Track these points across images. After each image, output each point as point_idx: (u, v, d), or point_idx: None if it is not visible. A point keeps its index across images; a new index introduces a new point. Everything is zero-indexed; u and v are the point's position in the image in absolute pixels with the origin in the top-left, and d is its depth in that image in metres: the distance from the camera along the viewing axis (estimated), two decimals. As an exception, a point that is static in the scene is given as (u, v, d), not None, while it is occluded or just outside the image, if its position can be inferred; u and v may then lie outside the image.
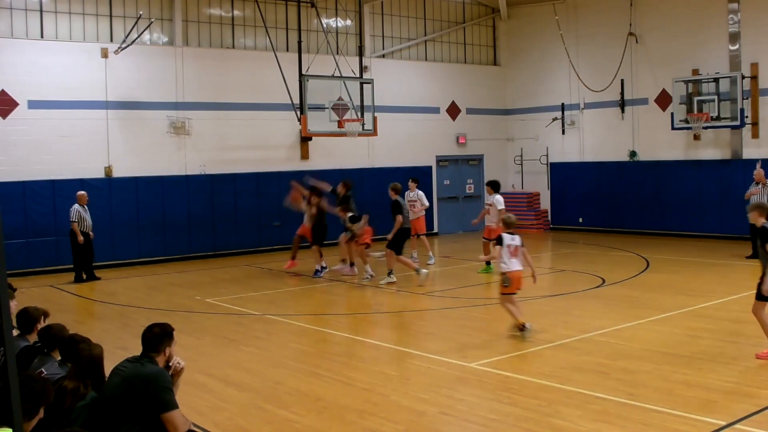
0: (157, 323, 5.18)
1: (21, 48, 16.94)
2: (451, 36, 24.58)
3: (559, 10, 23.25)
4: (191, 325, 11.22)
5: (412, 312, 11.95)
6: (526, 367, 8.36)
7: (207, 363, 8.94)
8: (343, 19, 21.99)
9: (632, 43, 21.85)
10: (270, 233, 20.09)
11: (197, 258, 18.91)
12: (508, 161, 25.54)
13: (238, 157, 19.85)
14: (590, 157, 23.28)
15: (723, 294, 12.41)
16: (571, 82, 23.34)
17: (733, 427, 6.31)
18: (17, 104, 16.85)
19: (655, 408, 6.81)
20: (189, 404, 6.82)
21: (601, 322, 10.56)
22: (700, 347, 9.08)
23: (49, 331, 5.83)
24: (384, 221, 17.75)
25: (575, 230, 23.14)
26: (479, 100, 24.79)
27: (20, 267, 16.09)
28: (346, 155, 21.37)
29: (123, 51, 17.72)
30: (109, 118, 17.96)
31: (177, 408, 4.81)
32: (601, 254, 18.21)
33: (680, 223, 20.95)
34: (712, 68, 20.04)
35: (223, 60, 19.71)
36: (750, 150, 19.85)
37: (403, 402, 7.30)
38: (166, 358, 5.05)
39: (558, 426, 6.47)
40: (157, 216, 18.51)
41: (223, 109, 19.59)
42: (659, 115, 21.39)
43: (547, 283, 15.22)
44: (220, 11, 20.04)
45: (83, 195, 15.73)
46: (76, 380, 4.85)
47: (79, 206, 15.61)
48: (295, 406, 7.32)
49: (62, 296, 14.27)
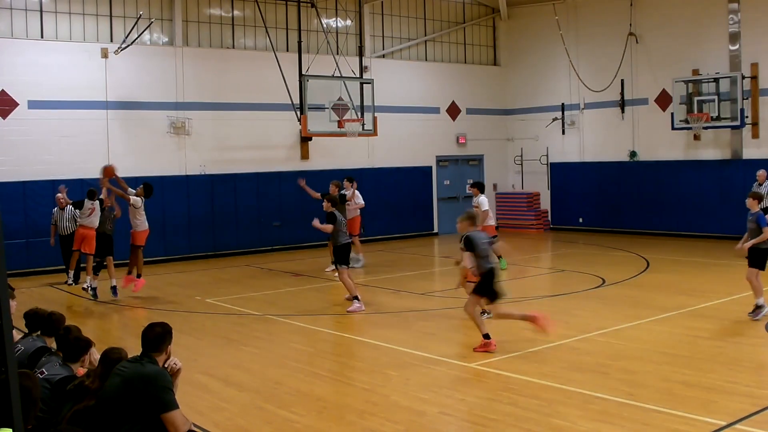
0: (158, 322, 5.18)
1: (21, 48, 16.94)
2: (451, 36, 24.58)
3: (559, 10, 23.25)
4: (191, 325, 11.22)
5: (412, 312, 11.95)
6: (526, 367, 8.35)
7: (207, 363, 8.94)
8: (343, 19, 21.99)
9: (632, 43, 21.85)
10: (270, 233, 20.10)
11: (197, 258, 18.91)
12: (508, 161, 25.54)
13: (238, 157, 19.85)
14: (590, 157, 23.28)
15: (723, 294, 12.40)
16: (571, 82, 23.34)
17: (733, 427, 6.31)
18: (17, 104, 16.85)
19: (655, 408, 6.81)
20: (189, 404, 6.83)
21: (601, 322, 10.56)
22: (700, 347, 9.08)
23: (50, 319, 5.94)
24: (384, 221, 17.76)
25: (575, 230, 23.14)
26: (479, 100, 24.79)
27: (20, 267, 16.09)
28: (346, 155, 21.36)
29: (123, 51, 17.72)
30: (109, 118, 17.96)
31: (177, 408, 4.80)
32: (601, 254, 18.21)
33: (680, 223, 20.95)
34: (712, 68, 20.03)
35: (223, 60, 19.71)
36: (750, 150, 19.85)
37: (403, 402, 7.30)
38: (167, 357, 5.06)
39: (558, 426, 6.47)
40: (157, 216, 18.46)
41: (223, 109, 19.59)
42: (659, 115, 21.39)
43: (547, 283, 15.24)
44: (220, 11, 20.04)
45: (58, 198, 15.60)
46: (100, 382, 4.86)
47: (57, 209, 15.62)
48: (295, 406, 7.32)
49: (62, 296, 14.27)
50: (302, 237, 19.98)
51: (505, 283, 14.55)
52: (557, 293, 13.15)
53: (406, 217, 22.87)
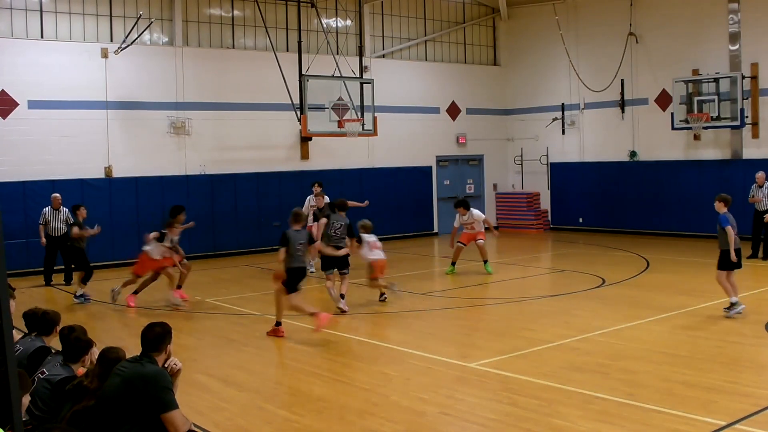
0: (157, 322, 5.18)
1: (21, 48, 16.94)
2: (451, 36, 24.57)
3: (559, 10, 23.25)
4: (191, 325, 11.22)
5: (412, 312, 11.94)
6: (526, 367, 8.35)
7: (207, 363, 8.94)
8: (343, 19, 21.99)
9: (632, 43, 21.85)
10: (270, 233, 20.07)
11: (197, 258, 18.88)
12: (508, 161, 25.54)
13: (238, 157, 19.85)
14: (590, 157, 23.28)
15: (723, 294, 12.36)
16: (571, 82, 23.34)
17: (733, 427, 6.31)
18: (17, 104, 16.85)
19: (655, 408, 6.81)
20: (189, 404, 6.82)
21: (601, 322, 10.56)
22: (700, 347, 9.08)
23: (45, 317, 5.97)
24: (384, 221, 17.77)
25: (575, 230, 23.14)
26: (479, 100, 24.79)
27: (20, 267, 16.08)
28: (346, 155, 21.36)
29: (123, 51, 17.72)
30: (109, 118, 17.96)
31: (177, 408, 4.80)
32: (601, 254, 18.21)
33: (680, 223, 20.94)
34: (712, 68, 20.03)
35: (223, 60, 19.71)
36: (750, 150, 19.85)
37: (403, 402, 7.30)
38: (166, 356, 5.05)
39: (558, 426, 6.47)
40: (157, 216, 18.46)
41: (223, 109, 19.59)
42: (659, 115, 21.39)
43: (547, 283, 15.24)
44: (220, 11, 20.04)
45: (55, 197, 15.45)
46: (99, 382, 4.86)
47: (50, 209, 15.38)
48: (295, 406, 7.32)
49: (62, 296, 14.27)
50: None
51: (506, 283, 14.63)
52: (557, 293, 13.15)
53: (406, 217, 22.86)
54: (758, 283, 13.55)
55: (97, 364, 5.07)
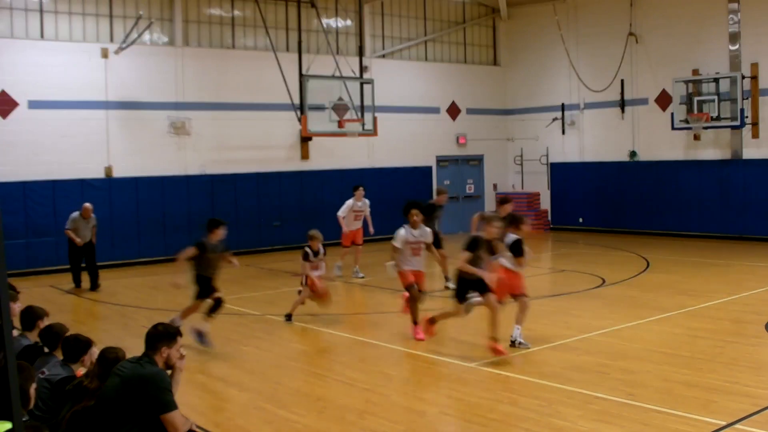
0: (163, 323, 5.16)
1: (21, 48, 16.94)
2: (451, 36, 24.57)
3: (559, 10, 23.25)
4: (191, 325, 11.19)
5: (412, 312, 11.91)
6: (526, 367, 8.35)
7: (207, 363, 8.94)
8: (343, 19, 21.99)
9: (632, 43, 21.85)
10: (270, 233, 20.09)
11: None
12: (508, 161, 25.54)
13: (238, 157, 19.84)
14: (590, 157, 23.28)
15: (723, 294, 12.40)
16: (571, 82, 23.34)
17: (733, 427, 6.31)
18: (17, 104, 16.85)
19: (655, 408, 6.81)
20: (189, 404, 6.82)
21: (601, 322, 10.56)
22: (700, 347, 9.08)
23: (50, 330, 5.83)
24: (384, 221, 17.77)
25: (575, 230, 23.13)
26: (479, 100, 24.79)
27: (20, 267, 16.08)
28: (346, 155, 21.36)
29: (123, 51, 17.72)
30: (109, 118, 17.96)
31: (176, 408, 4.79)
32: (601, 254, 18.21)
33: (680, 223, 20.94)
34: (712, 68, 20.03)
35: (223, 60, 19.71)
36: (750, 150, 19.84)
37: (403, 402, 7.30)
38: (164, 359, 4.97)
39: (558, 426, 6.47)
40: (157, 216, 18.50)
41: (223, 109, 19.59)
42: (659, 115, 21.39)
43: (547, 283, 15.23)
44: (220, 11, 20.04)
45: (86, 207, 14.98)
46: (99, 382, 4.85)
47: (79, 215, 14.98)
48: (295, 406, 7.32)
49: (62, 296, 14.26)
50: (302, 237, 19.87)
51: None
52: (557, 293, 13.15)
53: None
54: (758, 283, 13.54)
55: (96, 364, 5.06)
